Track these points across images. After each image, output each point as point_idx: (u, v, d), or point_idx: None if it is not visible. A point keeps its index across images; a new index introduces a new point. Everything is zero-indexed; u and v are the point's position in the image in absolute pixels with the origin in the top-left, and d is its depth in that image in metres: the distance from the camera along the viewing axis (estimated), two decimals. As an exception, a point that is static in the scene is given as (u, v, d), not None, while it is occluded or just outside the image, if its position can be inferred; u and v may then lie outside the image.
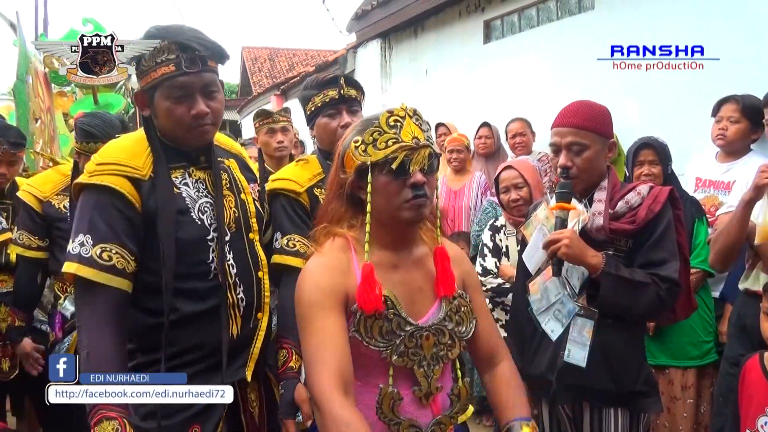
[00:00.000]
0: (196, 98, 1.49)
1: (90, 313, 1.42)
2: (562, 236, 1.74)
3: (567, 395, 1.86)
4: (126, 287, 1.45)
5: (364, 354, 1.27)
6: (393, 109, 1.31)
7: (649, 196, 1.84)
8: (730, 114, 2.85)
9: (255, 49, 21.33)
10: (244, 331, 1.57)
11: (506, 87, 5.54)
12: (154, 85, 1.48)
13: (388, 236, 1.34)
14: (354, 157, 1.31)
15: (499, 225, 2.87)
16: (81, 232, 1.43)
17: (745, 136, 2.85)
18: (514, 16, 5.79)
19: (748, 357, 1.91)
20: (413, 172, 1.27)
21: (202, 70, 1.49)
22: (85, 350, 1.40)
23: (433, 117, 5.28)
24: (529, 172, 2.77)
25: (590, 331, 1.79)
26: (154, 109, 1.52)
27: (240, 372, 1.58)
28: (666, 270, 1.77)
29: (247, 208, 1.65)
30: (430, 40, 6.89)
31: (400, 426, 1.27)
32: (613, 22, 4.49)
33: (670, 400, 2.62)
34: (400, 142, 1.27)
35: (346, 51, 9.19)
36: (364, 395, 1.28)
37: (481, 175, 4.19)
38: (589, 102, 1.89)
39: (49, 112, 6.11)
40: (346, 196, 1.35)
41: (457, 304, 1.36)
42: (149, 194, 1.47)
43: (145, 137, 1.56)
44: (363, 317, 1.25)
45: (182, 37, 1.46)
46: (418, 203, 1.27)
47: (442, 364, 1.33)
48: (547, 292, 1.87)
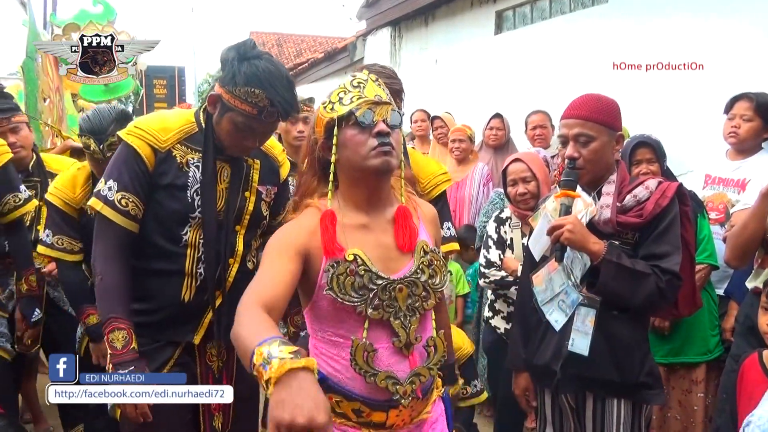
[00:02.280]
0: (255, 137, 1.74)
1: (104, 246, 1.72)
2: (566, 222, 1.77)
3: (571, 385, 1.89)
4: (134, 229, 1.74)
5: (341, 310, 1.34)
6: (356, 74, 1.44)
7: (657, 190, 1.85)
8: (743, 112, 2.83)
9: (263, 34, 21.25)
10: (197, 301, 1.77)
11: (517, 79, 5.52)
12: (233, 108, 1.68)
13: (360, 195, 1.41)
14: (322, 116, 1.41)
15: (505, 217, 2.86)
16: (111, 178, 1.71)
17: (758, 135, 2.83)
18: (526, 8, 5.76)
19: (747, 355, 1.91)
20: (377, 122, 1.36)
21: (274, 121, 1.72)
22: (99, 276, 1.71)
23: (441, 107, 5.27)
24: (537, 166, 2.76)
25: (593, 321, 1.82)
26: (219, 117, 1.72)
27: (189, 335, 1.79)
28: (668, 263, 1.79)
29: (244, 205, 1.83)
30: (440, 29, 6.87)
31: (376, 377, 1.33)
32: (627, 15, 4.46)
33: (682, 393, 2.68)
34: (364, 98, 1.38)
35: (355, 38, 9.16)
36: (346, 351, 1.35)
37: (484, 166, 4.17)
38: (598, 95, 1.91)
39: (58, 91, 6.12)
40: (318, 161, 1.44)
41: (429, 258, 1.42)
42: (161, 163, 1.72)
43: (185, 118, 1.80)
44: (335, 275, 1.32)
45: (277, 97, 1.65)
46: (384, 150, 1.35)
47: (418, 315, 1.39)
48: (552, 283, 1.90)
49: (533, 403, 2.09)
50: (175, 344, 1.79)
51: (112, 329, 1.65)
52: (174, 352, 1.78)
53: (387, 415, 1.37)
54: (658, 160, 2.69)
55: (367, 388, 1.35)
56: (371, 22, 8.27)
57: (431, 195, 2.16)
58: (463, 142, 4.19)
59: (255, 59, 1.66)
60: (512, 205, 2.80)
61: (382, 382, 1.33)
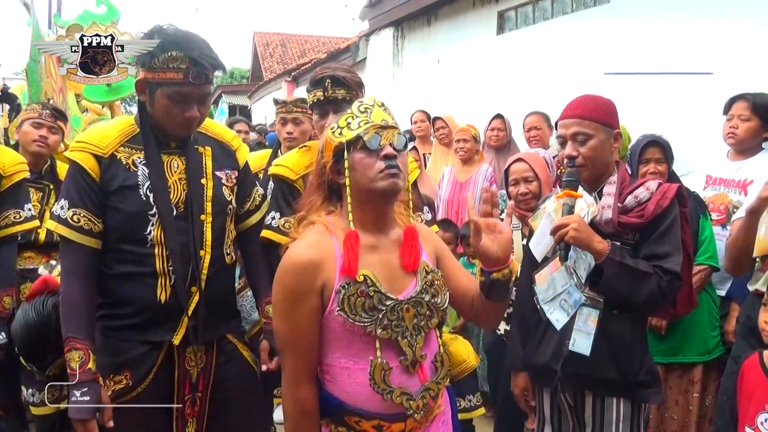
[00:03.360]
0: (192, 105, 1.72)
1: (65, 265, 1.74)
2: (570, 221, 1.78)
3: (571, 384, 1.90)
4: (93, 244, 1.72)
5: (351, 332, 1.38)
6: (362, 100, 1.49)
7: (657, 191, 1.87)
8: (740, 112, 2.83)
9: (267, 34, 21.30)
10: (174, 300, 1.74)
11: (519, 79, 5.52)
12: (159, 82, 1.68)
13: (368, 216, 1.45)
14: (331, 140, 1.45)
15: (503, 218, 2.87)
16: (63, 197, 1.74)
17: (757, 135, 2.83)
18: (528, 8, 5.76)
19: (748, 355, 1.92)
20: (384, 146, 1.41)
21: (204, 83, 1.71)
22: (60, 295, 1.71)
23: (444, 107, 5.28)
24: (540, 166, 2.76)
25: (595, 321, 1.83)
26: (152, 99, 1.72)
27: (168, 335, 1.76)
28: (669, 263, 1.81)
29: (203, 192, 1.81)
30: (443, 29, 6.87)
31: (392, 394, 1.38)
32: (630, 16, 4.46)
33: (680, 393, 2.68)
34: (371, 123, 1.42)
35: (358, 38, 9.18)
36: (358, 374, 1.38)
37: (488, 168, 4.17)
38: (593, 95, 1.95)
39: (62, 92, 6.13)
40: (327, 183, 1.48)
41: (430, 278, 1.46)
42: (106, 169, 1.72)
43: (124, 122, 1.81)
44: (346, 296, 1.35)
45: (196, 54, 1.66)
46: (391, 172, 1.39)
47: (423, 333, 1.44)
48: (554, 282, 1.91)
49: (532, 402, 2.10)
50: (158, 348, 1.76)
51: (70, 349, 1.63)
52: (157, 358, 1.76)
53: (405, 424, 1.42)
54: (667, 161, 2.69)
55: (383, 405, 1.39)
56: (374, 22, 8.29)
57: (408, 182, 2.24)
58: (467, 142, 4.20)
59: (163, 30, 1.68)
60: (512, 206, 2.80)
61: (398, 399, 1.38)
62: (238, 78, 25.75)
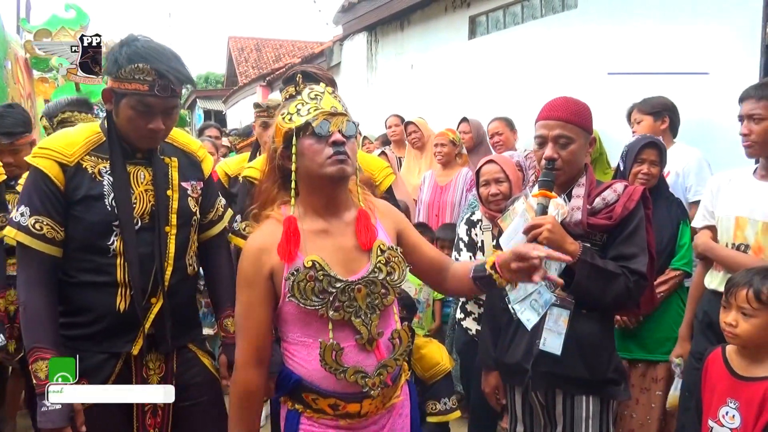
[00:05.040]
0: (156, 117, 1.70)
1: (26, 273, 1.68)
2: (545, 222, 1.79)
3: (541, 383, 1.92)
4: (55, 253, 1.69)
5: (305, 314, 1.42)
6: (313, 86, 1.51)
7: (624, 194, 1.91)
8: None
9: (241, 39, 21.17)
10: (133, 310, 1.73)
11: (490, 83, 5.58)
12: (124, 92, 1.67)
13: (319, 202, 1.49)
14: (281, 126, 1.48)
15: (476, 219, 2.88)
16: (23, 204, 1.69)
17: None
18: (498, 13, 5.83)
19: (711, 350, 1.97)
20: (333, 132, 1.43)
21: (170, 96, 1.70)
22: (22, 305, 1.67)
23: (418, 111, 5.31)
24: (510, 168, 2.80)
25: (566, 321, 1.86)
26: (117, 108, 1.71)
27: (127, 345, 1.75)
28: (635, 264, 1.85)
29: (168, 204, 1.81)
30: (416, 34, 6.91)
31: (345, 374, 1.41)
32: (597, 20, 4.55)
33: (641, 391, 2.69)
34: (320, 109, 1.45)
35: (332, 43, 9.18)
36: (315, 351, 1.42)
37: (468, 172, 4.20)
38: (573, 98, 1.96)
39: (30, 98, 6.02)
40: (278, 169, 1.51)
41: (387, 255, 1.49)
42: (72, 178, 1.69)
43: (90, 129, 1.79)
44: (296, 282, 1.39)
45: (162, 67, 1.65)
46: (339, 158, 1.42)
47: (378, 311, 1.47)
48: (525, 282, 1.92)
49: (502, 401, 2.13)
50: (116, 358, 1.75)
51: (35, 359, 1.61)
52: (115, 367, 1.74)
53: (361, 405, 1.45)
54: (660, 164, 2.71)
55: (338, 384, 1.42)
56: (348, 27, 8.29)
57: (384, 186, 2.27)
58: (444, 146, 4.23)
59: (133, 42, 1.67)
60: (483, 207, 2.83)
61: (352, 378, 1.42)
62: (213, 83, 25.52)
